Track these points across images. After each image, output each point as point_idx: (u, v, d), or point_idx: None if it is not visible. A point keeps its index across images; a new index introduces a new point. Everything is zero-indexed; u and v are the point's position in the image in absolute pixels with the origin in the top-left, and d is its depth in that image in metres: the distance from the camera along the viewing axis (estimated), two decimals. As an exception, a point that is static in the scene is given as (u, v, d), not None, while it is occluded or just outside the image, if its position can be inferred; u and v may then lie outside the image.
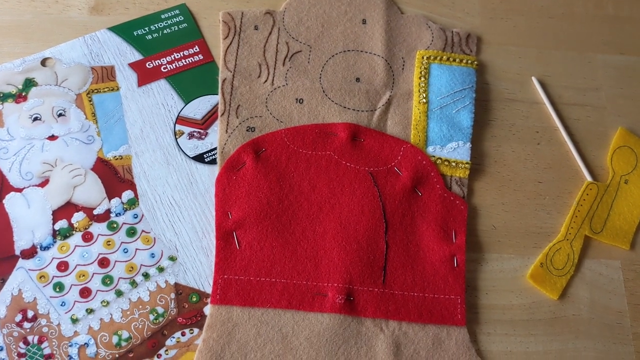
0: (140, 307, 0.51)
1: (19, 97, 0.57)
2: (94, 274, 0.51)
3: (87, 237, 0.52)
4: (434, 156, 0.57)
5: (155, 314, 0.51)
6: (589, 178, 0.58)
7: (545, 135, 0.60)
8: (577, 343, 0.53)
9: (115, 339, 0.50)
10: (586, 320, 0.53)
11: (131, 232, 0.53)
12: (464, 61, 0.61)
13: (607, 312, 0.54)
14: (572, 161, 0.59)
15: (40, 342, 0.49)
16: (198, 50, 0.60)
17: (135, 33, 0.60)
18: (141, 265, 0.52)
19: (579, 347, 0.52)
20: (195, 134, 0.57)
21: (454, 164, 0.57)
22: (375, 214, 0.54)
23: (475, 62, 0.61)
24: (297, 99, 0.59)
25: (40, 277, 0.51)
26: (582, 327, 0.53)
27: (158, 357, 0.50)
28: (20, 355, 0.49)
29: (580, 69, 0.63)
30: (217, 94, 0.59)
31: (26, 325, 0.50)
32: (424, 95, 0.59)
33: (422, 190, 0.56)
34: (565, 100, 0.62)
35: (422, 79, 0.59)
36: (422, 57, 0.60)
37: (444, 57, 0.60)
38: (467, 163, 0.57)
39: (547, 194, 0.58)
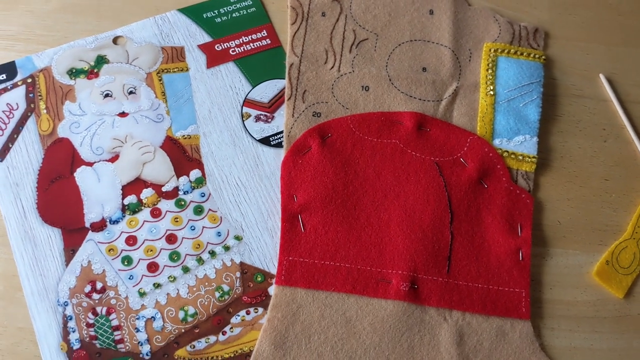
0: (207, 284, 0.51)
1: (91, 73, 0.58)
2: (161, 249, 0.52)
3: (156, 213, 0.53)
4: (500, 149, 0.56)
5: (221, 292, 0.51)
6: (656, 178, 0.57)
7: (612, 133, 0.59)
8: (642, 343, 0.52)
9: (181, 314, 0.50)
10: (652, 320, 0.53)
11: (198, 210, 0.54)
12: (532, 55, 0.60)
13: (673, 314, 0.53)
14: (639, 160, 0.58)
15: (108, 313, 0.50)
16: (266, 34, 0.61)
17: (204, 15, 0.61)
18: (208, 243, 0.53)
19: (645, 347, 0.52)
20: (261, 117, 0.57)
21: (520, 157, 0.56)
22: (441, 203, 0.54)
23: (543, 57, 0.60)
24: (363, 86, 0.59)
25: (109, 250, 0.52)
26: (648, 327, 0.52)
27: (223, 334, 0.50)
28: (89, 325, 0.50)
29: (649, 68, 0.62)
30: (283, 79, 0.59)
31: (95, 296, 0.51)
32: (491, 88, 0.58)
33: (487, 182, 0.55)
34: (633, 99, 0.61)
35: (490, 71, 0.59)
36: (490, 50, 0.60)
37: (512, 50, 0.60)
38: (533, 157, 0.56)
39: (614, 191, 0.57)
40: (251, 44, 0.60)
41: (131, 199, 0.53)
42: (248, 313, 0.51)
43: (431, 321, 0.51)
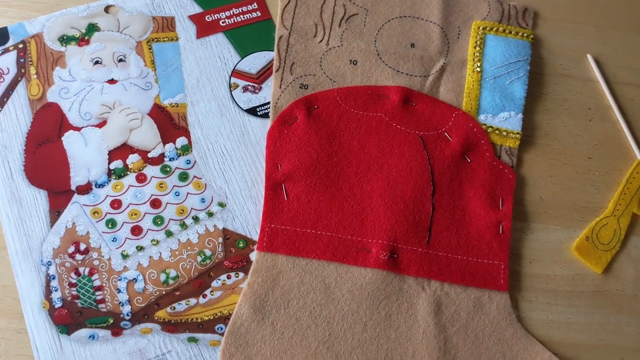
0: (189, 248, 0.52)
1: (82, 40, 0.58)
2: (145, 213, 0.53)
3: (141, 178, 0.54)
4: (485, 124, 0.57)
5: (203, 256, 0.52)
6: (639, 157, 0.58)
7: (597, 113, 0.60)
8: (619, 318, 0.52)
9: (163, 277, 0.51)
10: (630, 296, 0.53)
11: (183, 176, 0.54)
12: (520, 34, 0.60)
13: (651, 290, 0.53)
14: (624, 139, 0.59)
15: (91, 274, 0.51)
16: (256, 7, 0.61)
17: (196, -14, 0.61)
18: (192, 208, 0.53)
19: (621, 321, 0.52)
20: (249, 87, 0.58)
21: (504, 133, 0.57)
22: (423, 176, 0.54)
23: (531, 36, 0.61)
24: (351, 60, 0.59)
25: (94, 213, 0.52)
26: (625, 303, 0.53)
27: (204, 297, 0.51)
28: (71, 285, 0.50)
29: (638, 50, 0.63)
30: (272, 51, 0.59)
31: (78, 257, 0.51)
32: (479, 65, 0.59)
33: (471, 156, 0.56)
34: (619, 80, 0.61)
35: (477, 48, 0.59)
36: (479, 27, 0.60)
37: (500, 28, 0.60)
38: (517, 133, 0.57)
39: (597, 169, 0.57)
40: (241, 16, 0.61)
41: (117, 163, 0.54)
42: (229, 277, 0.51)
43: (409, 290, 0.51)
